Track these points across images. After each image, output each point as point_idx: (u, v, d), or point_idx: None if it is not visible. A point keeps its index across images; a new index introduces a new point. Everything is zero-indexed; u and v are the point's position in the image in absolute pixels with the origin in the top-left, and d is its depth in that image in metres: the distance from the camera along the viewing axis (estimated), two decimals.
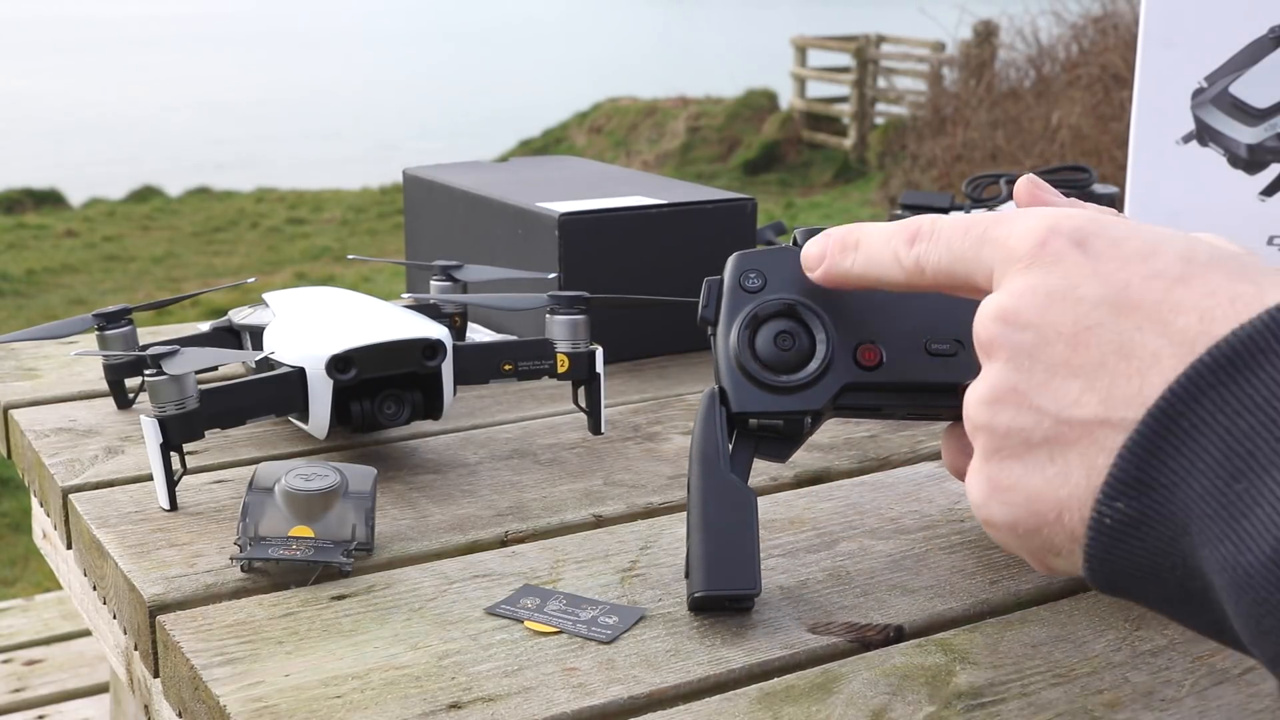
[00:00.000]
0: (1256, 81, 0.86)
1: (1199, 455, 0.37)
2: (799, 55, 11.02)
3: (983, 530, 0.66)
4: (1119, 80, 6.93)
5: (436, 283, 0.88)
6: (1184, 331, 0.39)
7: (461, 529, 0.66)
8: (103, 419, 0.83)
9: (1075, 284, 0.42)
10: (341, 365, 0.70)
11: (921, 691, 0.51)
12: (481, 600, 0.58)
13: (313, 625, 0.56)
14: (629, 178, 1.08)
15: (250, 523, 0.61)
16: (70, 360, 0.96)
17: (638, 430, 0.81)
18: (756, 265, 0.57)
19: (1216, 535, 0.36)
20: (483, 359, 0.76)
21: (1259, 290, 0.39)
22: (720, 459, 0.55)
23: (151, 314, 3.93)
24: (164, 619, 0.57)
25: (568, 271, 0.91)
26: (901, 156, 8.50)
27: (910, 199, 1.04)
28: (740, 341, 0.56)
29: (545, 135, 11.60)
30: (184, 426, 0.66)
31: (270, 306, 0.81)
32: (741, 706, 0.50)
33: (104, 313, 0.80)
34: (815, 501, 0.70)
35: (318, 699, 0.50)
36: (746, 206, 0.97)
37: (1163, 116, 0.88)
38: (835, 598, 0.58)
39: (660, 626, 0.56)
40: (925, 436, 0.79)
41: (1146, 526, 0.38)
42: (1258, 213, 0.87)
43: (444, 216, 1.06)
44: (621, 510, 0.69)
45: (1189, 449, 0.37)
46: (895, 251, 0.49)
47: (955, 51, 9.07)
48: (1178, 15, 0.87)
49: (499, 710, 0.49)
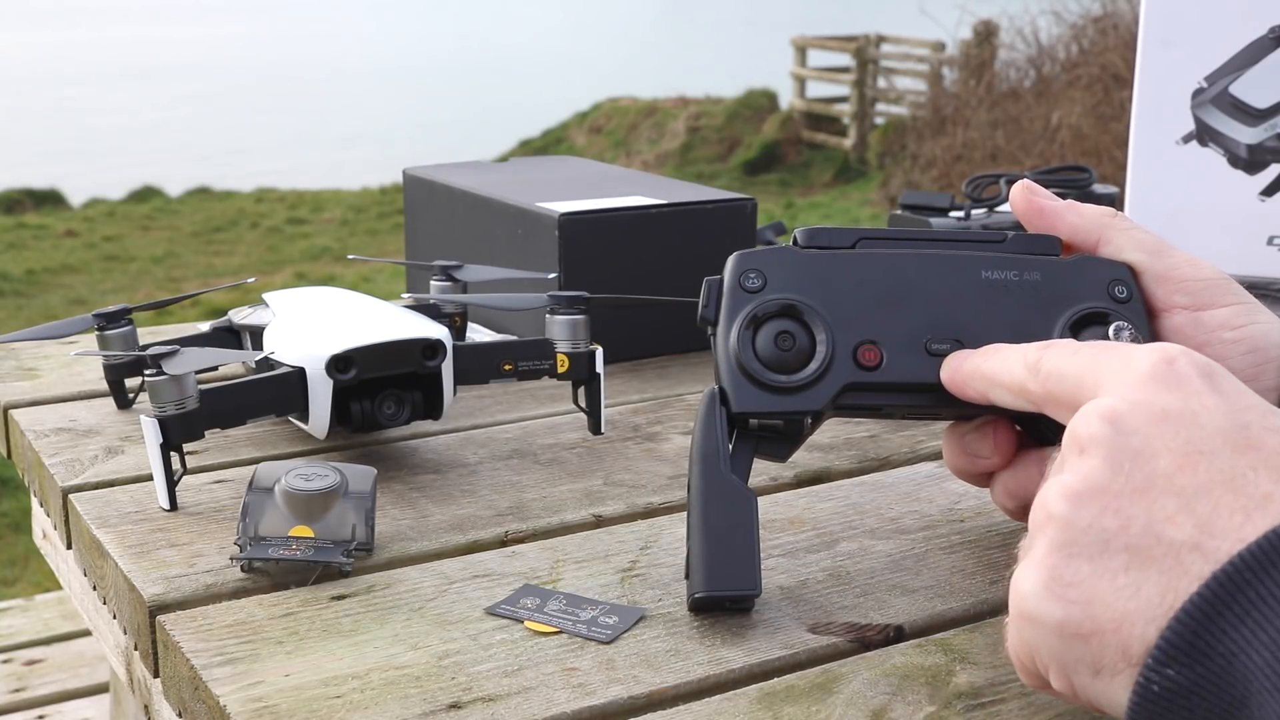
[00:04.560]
0: (1256, 81, 0.86)
1: (1264, 624, 0.36)
2: (799, 55, 11.02)
3: (983, 530, 0.66)
4: (1119, 80, 6.93)
5: (436, 283, 0.88)
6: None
7: (461, 529, 0.66)
8: (103, 419, 0.83)
9: (1195, 409, 0.41)
10: (341, 365, 0.70)
11: (921, 691, 0.51)
12: (481, 600, 0.58)
13: (313, 625, 0.56)
14: (629, 178, 1.08)
15: (250, 523, 0.61)
16: (70, 360, 0.96)
17: (638, 430, 0.81)
18: (756, 265, 0.57)
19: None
20: (483, 359, 0.76)
21: None
22: (720, 459, 0.55)
23: (151, 314, 3.93)
24: (164, 619, 0.57)
25: (568, 271, 0.91)
26: (901, 156, 8.50)
27: (910, 199, 1.04)
28: (740, 341, 0.56)
29: (545, 135, 11.60)
30: (184, 426, 0.66)
31: (270, 306, 0.81)
32: (741, 706, 0.50)
33: (104, 313, 0.80)
34: (815, 501, 0.70)
35: (318, 699, 0.50)
36: (746, 206, 0.97)
37: (1163, 116, 0.88)
38: (835, 598, 0.58)
39: (660, 626, 0.56)
40: (925, 436, 0.79)
41: (1198, 696, 0.37)
42: (1258, 213, 0.87)
43: (444, 216, 1.06)
44: (621, 510, 0.69)
45: (1254, 617, 0.36)
46: (1024, 352, 0.50)
47: (955, 51, 9.07)
48: (1178, 15, 0.88)
49: (499, 710, 0.49)
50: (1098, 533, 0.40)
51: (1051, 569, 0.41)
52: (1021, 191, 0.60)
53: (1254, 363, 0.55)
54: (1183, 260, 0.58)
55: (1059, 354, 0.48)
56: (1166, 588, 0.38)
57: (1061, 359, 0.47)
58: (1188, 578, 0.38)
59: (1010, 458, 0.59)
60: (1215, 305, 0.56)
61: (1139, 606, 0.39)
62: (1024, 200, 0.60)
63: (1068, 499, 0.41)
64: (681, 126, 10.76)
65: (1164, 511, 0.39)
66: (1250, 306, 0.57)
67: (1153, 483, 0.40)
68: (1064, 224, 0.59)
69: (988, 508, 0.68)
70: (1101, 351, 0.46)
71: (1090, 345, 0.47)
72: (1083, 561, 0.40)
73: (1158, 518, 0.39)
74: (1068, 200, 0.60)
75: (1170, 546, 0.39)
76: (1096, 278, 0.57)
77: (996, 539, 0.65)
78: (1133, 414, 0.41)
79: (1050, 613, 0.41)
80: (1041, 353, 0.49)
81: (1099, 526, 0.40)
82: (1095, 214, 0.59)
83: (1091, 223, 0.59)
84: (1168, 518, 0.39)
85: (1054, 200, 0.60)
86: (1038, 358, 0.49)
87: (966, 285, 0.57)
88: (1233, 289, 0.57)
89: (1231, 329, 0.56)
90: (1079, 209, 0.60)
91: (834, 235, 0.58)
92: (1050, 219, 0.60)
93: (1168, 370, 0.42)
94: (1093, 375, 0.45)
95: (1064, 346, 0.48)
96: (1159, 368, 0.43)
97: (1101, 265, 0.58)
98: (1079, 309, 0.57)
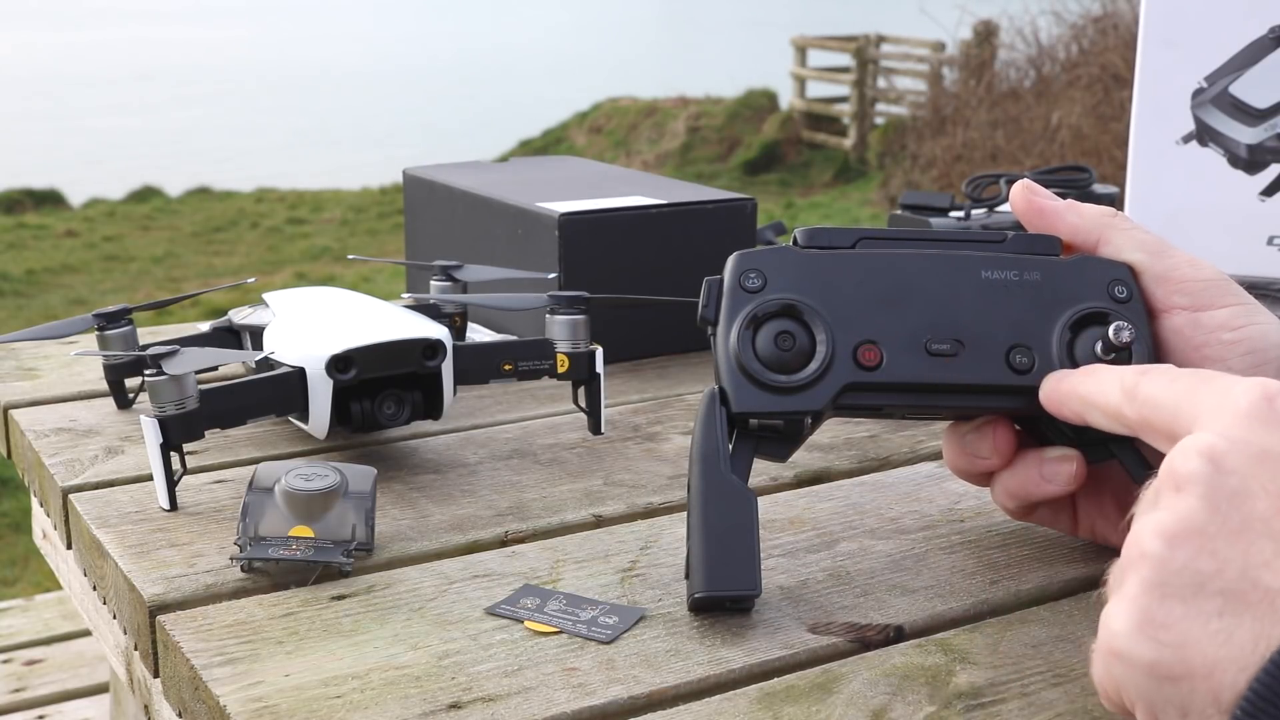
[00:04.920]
0: (1256, 81, 0.86)
1: None
2: (799, 55, 11.02)
3: (983, 530, 0.66)
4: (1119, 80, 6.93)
5: (436, 283, 0.88)
6: None
7: (461, 529, 0.66)
8: (103, 419, 0.83)
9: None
10: (341, 365, 0.70)
11: (921, 691, 0.51)
12: (481, 600, 0.58)
13: (313, 625, 0.56)
14: (629, 178, 1.08)
15: (250, 523, 0.61)
16: (70, 360, 0.96)
17: (638, 430, 0.81)
18: (756, 265, 0.57)
19: None
20: (483, 359, 0.76)
21: None
22: (720, 459, 0.55)
23: (151, 314, 3.93)
24: (164, 619, 0.57)
25: (568, 271, 0.91)
26: (901, 156, 8.50)
27: (910, 199, 1.04)
28: (740, 341, 0.56)
29: (545, 135, 11.60)
30: (184, 426, 0.66)
31: (270, 306, 0.81)
32: (741, 706, 0.50)
33: (104, 313, 0.80)
34: (815, 501, 0.70)
35: (318, 699, 0.50)
36: (746, 206, 0.97)
37: (1163, 116, 0.88)
38: (835, 598, 0.58)
39: (660, 626, 0.56)
40: (925, 436, 0.79)
41: None
42: (1258, 213, 0.87)
43: (444, 216, 1.06)
44: (621, 510, 0.69)
45: None
46: (1121, 376, 0.49)
47: (955, 51, 9.07)
48: (1178, 15, 0.88)
49: (499, 710, 0.49)
50: (1192, 574, 0.40)
51: (1144, 609, 0.40)
52: (1021, 192, 0.60)
53: (1253, 364, 0.55)
54: (1182, 261, 0.58)
55: (1156, 380, 0.47)
56: (1260, 635, 0.38)
57: (1158, 386, 0.47)
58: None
59: (1010, 458, 0.59)
60: (1215, 306, 0.56)
61: (1231, 653, 0.38)
62: (1024, 200, 0.60)
63: (1163, 538, 0.41)
64: (681, 126, 10.76)
65: (1261, 556, 0.39)
66: (1250, 307, 0.56)
67: (1250, 525, 0.39)
68: (1064, 224, 0.59)
69: (988, 508, 0.68)
70: (1199, 382, 0.45)
71: (1188, 373, 0.47)
72: (1176, 603, 0.40)
73: (1254, 562, 0.39)
74: (1068, 200, 0.60)
75: (1266, 593, 0.38)
76: (1096, 278, 0.57)
77: (996, 539, 0.65)
78: (1232, 453, 0.41)
79: (1142, 653, 0.40)
80: (1138, 378, 0.48)
81: (1194, 568, 0.40)
82: (1095, 214, 0.59)
83: (1091, 223, 0.59)
84: (1264, 563, 0.39)
85: (1054, 200, 0.60)
86: (1135, 383, 0.48)
87: (966, 285, 0.57)
88: (1232, 289, 0.57)
89: (1231, 330, 0.56)
90: (1079, 209, 0.60)
91: (834, 235, 0.58)
92: (1050, 219, 0.60)
93: (1268, 409, 0.42)
94: (1190, 406, 0.45)
95: (1161, 373, 0.48)
96: (1259, 406, 0.42)
97: (1101, 265, 0.58)
98: (1079, 309, 0.57)
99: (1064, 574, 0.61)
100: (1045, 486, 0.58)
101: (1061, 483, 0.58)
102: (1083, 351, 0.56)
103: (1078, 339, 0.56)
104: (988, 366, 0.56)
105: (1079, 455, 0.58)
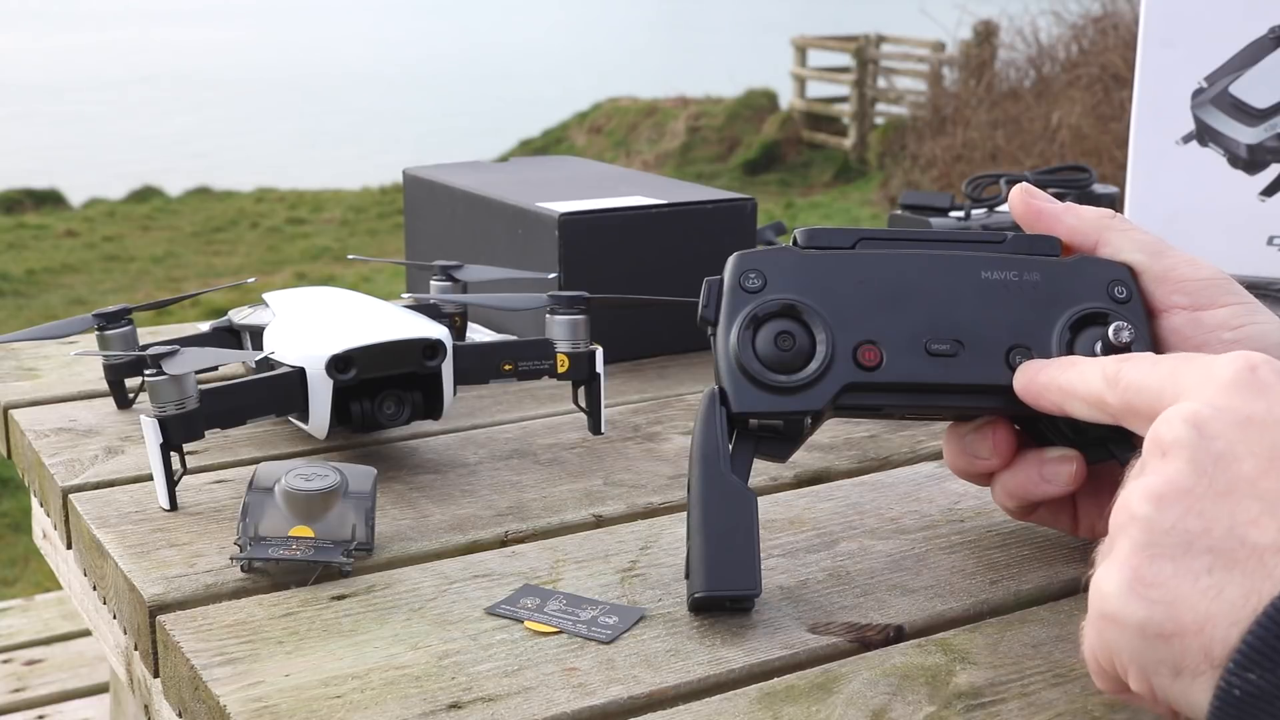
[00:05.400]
0: (1256, 81, 0.86)
1: None
2: (799, 55, 11.02)
3: (983, 530, 0.66)
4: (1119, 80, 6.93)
5: (436, 283, 0.88)
6: None
7: (461, 529, 0.66)
8: (103, 419, 0.83)
9: (1279, 415, 0.41)
10: (341, 365, 0.70)
11: (921, 691, 0.51)
12: (481, 600, 0.58)
13: (313, 625, 0.56)
14: (629, 178, 1.08)
15: (250, 523, 0.61)
16: (70, 360, 0.96)
17: (638, 430, 0.81)
18: (756, 265, 0.57)
19: None
20: (483, 359, 0.76)
21: None
22: (720, 459, 0.55)
23: (151, 314, 3.93)
24: (164, 619, 0.57)
25: (568, 271, 0.91)
26: (901, 156, 8.50)
27: (910, 199, 1.04)
28: (740, 341, 0.56)
29: (545, 135, 11.60)
30: (184, 426, 0.66)
31: (270, 306, 0.81)
32: (741, 706, 0.50)
33: (104, 313, 0.80)
34: (815, 501, 0.70)
35: (318, 699, 0.50)
36: (746, 206, 0.97)
37: (1163, 116, 0.89)
38: (835, 598, 0.58)
39: (660, 626, 0.56)
40: (925, 436, 0.80)
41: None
42: (1258, 213, 0.87)
43: (444, 216, 1.06)
44: (621, 510, 0.69)
45: None
46: (1103, 365, 0.50)
47: (955, 51, 9.07)
48: (1178, 15, 0.88)
49: (499, 710, 0.49)
50: (1181, 534, 0.40)
51: (1135, 569, 0.41)
52: (1020, 195, 0.60)
53: None
54: (1182, 260, 0.58)
55: (1138, 366, 0.48)
56: (1250, 590, 0.38)
57: (1141, 371, 0.47)
58: (1271, 581, 0.38)
59: (1010, 458, 0.59)
60: (1214, 305, 0.56)
61: (1222, 608, 0.39)
62: (1022, 204, 0.60)
63: (1151, 500, 0.41)
64: (681, 126, 10.76)
65: (1248, 515, 0.39)
66: (1249, 306, 0.57)
67: (1236, 486, 0.40)
68: (1063, 227, 0.59)
69: (988, 508, 0.68)
70: (1182, 362, 0.46)
71: (1171, 357, 0.47)
72: (1165, 562, 0.40)
73: (1241, 521, 0.39)
74: (1066, 203, 0.60)
75: (1254, 550, 0.39)
76: (1096, 278, 0.57)
77: (996, 539, 0.65)
78: (1216, 419, 0.41)
79: (1133, 613, 0.41)
80: (1120, 365, 0.49)
81: (1182, 528, 0.40)
82: (1094, 216, 0.59)
83: (1090, 225, 0.59)
84: (1251, 521, 0.39)
85: (1053, 203, 0.60)
86: (1116, 370, 0.49)
87: (966, 285, 0.57)
88: (1232, 289, 0.57)
89: (1230, 329, 0.56)
90: (1078, 211, 0.60)
91: (834, 235, 0.58)
92: (1049, 222, 0.60)
93: (1251, 377, 0.42)
94: (1173, 385, 0.45)
95: (1143, 359, 0.48)
96: (1242, 374, 0.42)
97: (1101, 265, 0.58)
98: (1078, 309, 0.57)
99: (1064, 574, 0.61)
100: (1045, 487, 0.58)
101: (1061, 483, 0.58)
102: (1082, 352, 0.56)
103: (1077, 339, 0.56)
104: (987, 367, 0.56)
105: (1079, 455, 0.58)
